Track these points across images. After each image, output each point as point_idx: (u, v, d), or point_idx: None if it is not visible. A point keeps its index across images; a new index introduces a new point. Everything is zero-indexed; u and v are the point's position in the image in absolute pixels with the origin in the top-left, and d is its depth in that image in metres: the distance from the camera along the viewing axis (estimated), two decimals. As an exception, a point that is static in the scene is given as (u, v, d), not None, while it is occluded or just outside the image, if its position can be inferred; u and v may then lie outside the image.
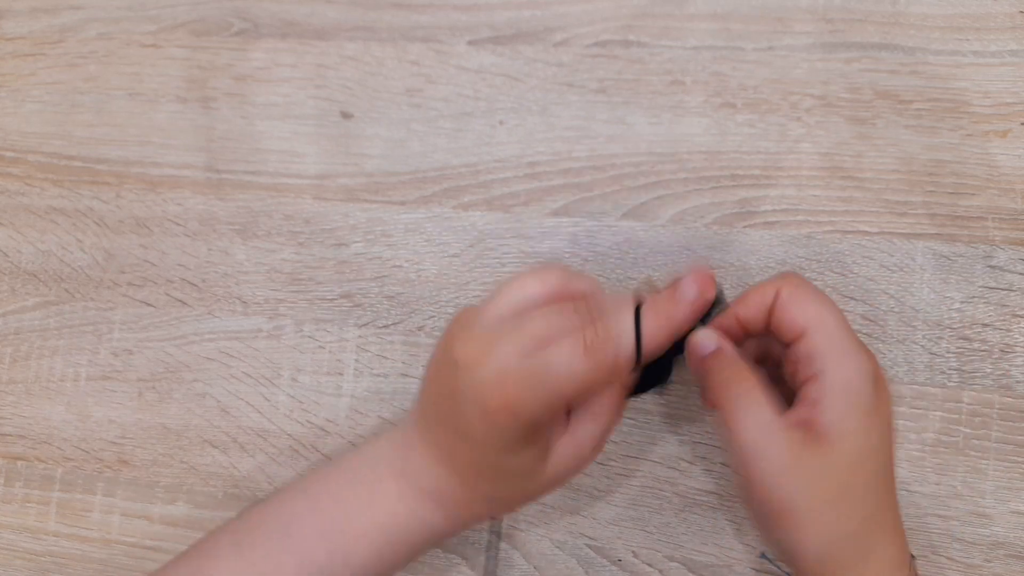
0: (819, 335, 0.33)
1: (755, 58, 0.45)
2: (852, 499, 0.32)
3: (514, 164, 0.47)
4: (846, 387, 0.32)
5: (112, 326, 0.50)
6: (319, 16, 0.50)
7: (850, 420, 0.32)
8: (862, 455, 0.32)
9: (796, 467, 0.32)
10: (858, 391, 0.32)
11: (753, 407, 0.33)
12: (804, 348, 0.33)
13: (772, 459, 0.32)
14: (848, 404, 0.32)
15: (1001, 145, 0.42)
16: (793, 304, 0.34)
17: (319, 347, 0.47)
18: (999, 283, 0.41)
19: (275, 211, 0.49)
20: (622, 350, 0.33)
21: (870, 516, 0.33)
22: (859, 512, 0.32)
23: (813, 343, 0.33)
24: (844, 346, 0.33)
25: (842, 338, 0.33)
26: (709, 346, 0.35)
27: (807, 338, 0.33)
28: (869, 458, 0.33)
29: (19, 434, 0.50)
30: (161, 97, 0.51)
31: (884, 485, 0.33)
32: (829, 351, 0.33)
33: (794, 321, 0.34)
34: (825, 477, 0.32)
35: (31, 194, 0.52)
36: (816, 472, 0.32)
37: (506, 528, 0.44)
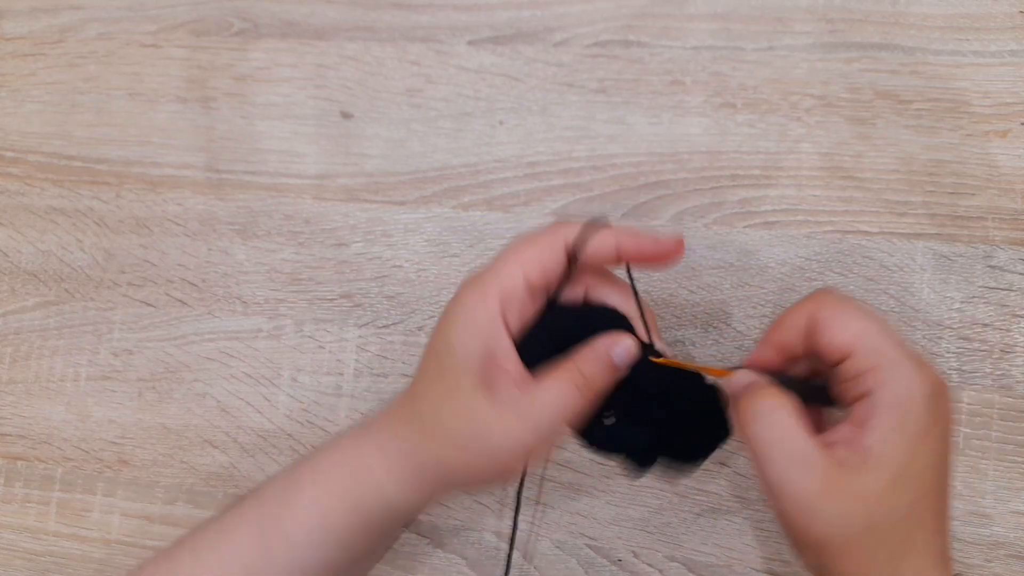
0: (865, 354, 0.31)
1: (755, 58, 0.45)
2: (892, 523, 0.30)
3: (514, 164, 0.47)
4: (896, 406, 0.31)
5: (112, 326, 0.50)
6: (319, 16, 0.50)
7: (897, 441, 0.30)
8: (907, 477, 0.30)
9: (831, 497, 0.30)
10: (909, 410, 0.30)
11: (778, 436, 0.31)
12: (851, 368, 0.32)
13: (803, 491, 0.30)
14: (897, 424, 0.30)
15: (1001, 145, 0.42)
16: (832, 325, 0.32)
17: (319, 347, 0.47)
18: (999, 283, 0.41)
19: (275, 211, 0.49)
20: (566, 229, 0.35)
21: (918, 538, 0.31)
22: (898, 536, 0.31)
23: (860, 362, 0.31)
24: (894, 362, 0.31)
25: (891, 354, 0.31)
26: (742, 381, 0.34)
27: (853, 358, 0.32)
28: (915, 480, 0.31)
29: (19, 434, 0.50)
30: (161, 97, 0.51)
31: (932, 508, 0.31)
32: (878, 369, 0.31)
33: (836, 343, 0.32)
34: (865, 503, 0.30)
35: (31, 194, 0.52)
36: (855, 499, 0.30)
37: (506, 529, 0.44)
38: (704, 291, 0.44)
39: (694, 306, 0.44)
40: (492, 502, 0.44)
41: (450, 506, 0.45)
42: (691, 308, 0.44)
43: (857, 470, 0.30)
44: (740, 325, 0.43)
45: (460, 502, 0.45)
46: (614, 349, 0.34)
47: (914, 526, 0.31)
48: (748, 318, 0.43)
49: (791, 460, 0.31)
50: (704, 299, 0.44)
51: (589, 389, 0.34)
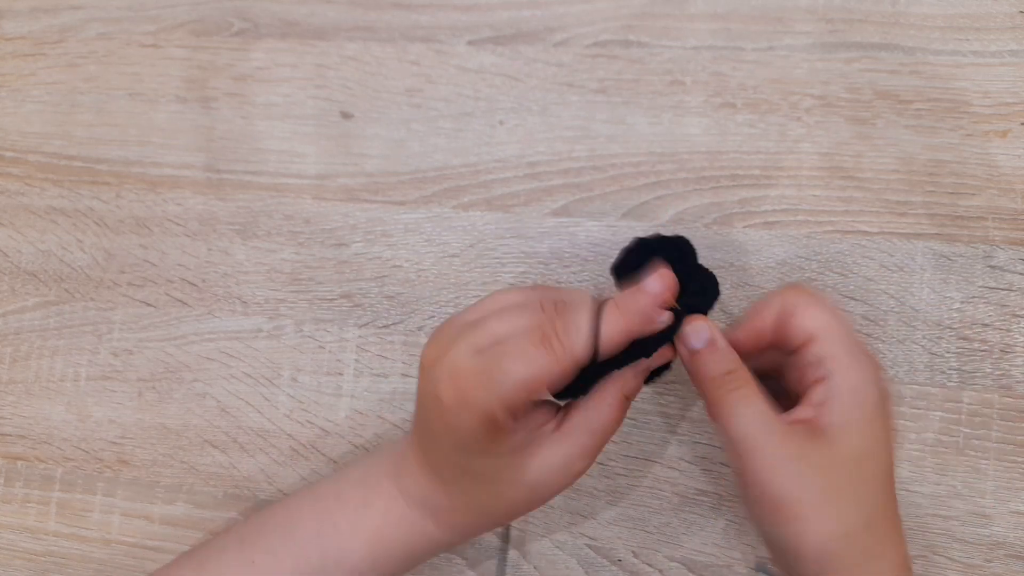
0: (828, 340, 0.34)
1: (755, 58, 0.45)
2: (853, 498, 0.32)
3: (514, 164, 0.47)
4: (853, 390, 0.33)
5: (112, 326, 0.50)
6: (319, 16, 0.50)
7: (854, 421, 0.32)
8: (863, 455, 0.32)
9: (795, 460, 0.32)
10: (864, 395, 0.33)
11: (749, 400, 0.33)
12: (813, 352, 0.34)
13: (770, 452, 0.32)
14: (853, 406, 0.33)
15: (1001, 145, 0.42)
16: (802, 310, 0.34)
17: (319, 347, 0.47)
18: (999, 283, 0.41)
19: (275, 211, 0.49)
20: (578, 340, 0.32)
21: (872, 518, 0.33)
22: (861, 512, 0.32)
23: (822, 347, 0.33)
24: (853, 351, 0.33)
25: (851, 344, 0.34)
26: (701, 339, 0.34)
27: (816, 342, 0.34)
28: (870, 459, 0.33)
29: (19, 434, 0.50)
30: (161, 97, 0.51)
31: (884, 489, 0.34)
32: (838, 355, 0.33)
33: (803, 326, 0.34)
34: (825, 473, 0.32)
35: (31, 194, 0.52)
36: (816, 467, 0.32)
37: (513, 533, 0.44)
38: (704, 291, 0.44)
39: (694, 306, 0.44)
40: (492, 502, 0.44)
41: (450, 506, 0.45)
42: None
43: (821, 442, 0.32)
44: (740, 325, 0.43)
45: (460, 502, 0.45)
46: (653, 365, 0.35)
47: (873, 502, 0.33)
48: (748, 318, 0.43)
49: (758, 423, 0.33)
50: (704, 299, 0.44)
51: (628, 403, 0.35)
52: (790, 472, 0.32)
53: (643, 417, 0.43)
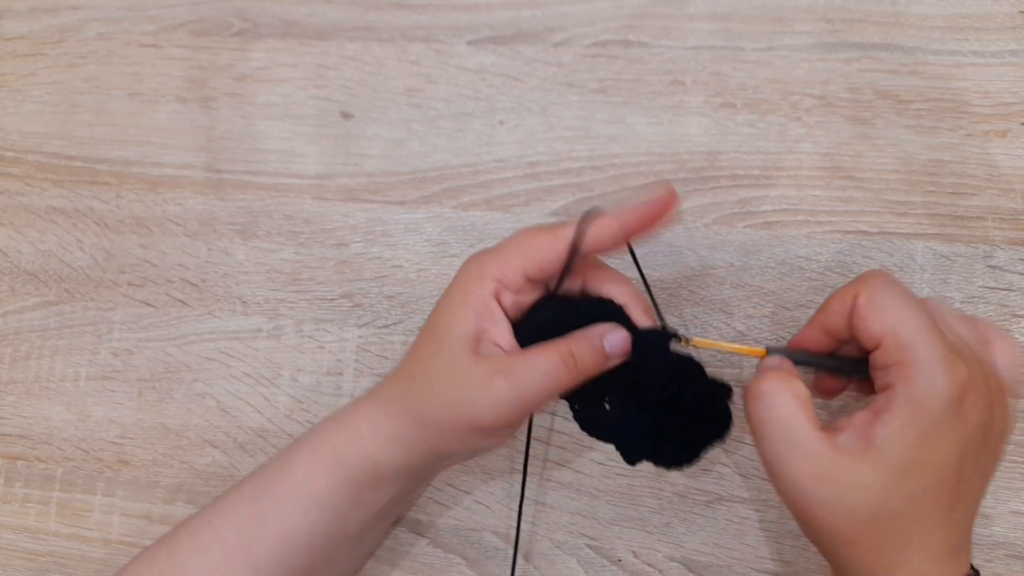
0: (894, 347, 0.31)
1: (755, 58, 0.45)
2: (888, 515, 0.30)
3: (514, 164, 0.47)
4: (912, 403, 0.30)
5: (112, 326, 0.50)
6: (319, 16, 0.50)
7: (905, 436, 0.30)
8: (910, 472, 0.30)
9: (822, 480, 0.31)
10: (925, 409, 0.30)
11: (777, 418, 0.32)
12: (880, 359, 0.32)
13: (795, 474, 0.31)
14: (908, 420, 0.30)
15: (1001, 145, 0.42)
16: (869, 311, 0.32)
17: (319, 347, 0.47)
18: (999, 283, 0.41)
19: (275, 211, 0.49)
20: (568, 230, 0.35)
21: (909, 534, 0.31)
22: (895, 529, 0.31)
23: (888, 355, 0.31)
24: (921, 360, 0.31)
25: (920, 351, 0.31)
26: None
27: (883, 349, 0.32)
28: (920, 476, 0.30)
29: (19, 434, 0.50)
30: (161, 97, 0.51)
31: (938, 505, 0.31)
32: (903, 365, 0.31)
33: (870, 330, 0.32)
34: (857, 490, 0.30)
35: (31, 194, 0.52)
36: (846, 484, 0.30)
37: (505, 528, 0.44)
38: (704, 291, 0.44)
39: (694, 306, 0.44)
40: (492, 502, 0.44)
41: (449, 505, 0.45)
42: (691, 308, 0.44)
43: (857, 458, 0.31)
44: (740, 325, 0.43)
45: (460, 502, 0.45)
46: (607, 337, 0.35)
47: (913, 521, 0.31)
48: (748, 318, 0.43)
49: (787, 442, 0.31)
50: (704, 299, 0.44)
51: (577, 368, 0.34)
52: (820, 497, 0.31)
53: (643, 417, 0.43)
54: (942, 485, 0.31)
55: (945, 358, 0.31)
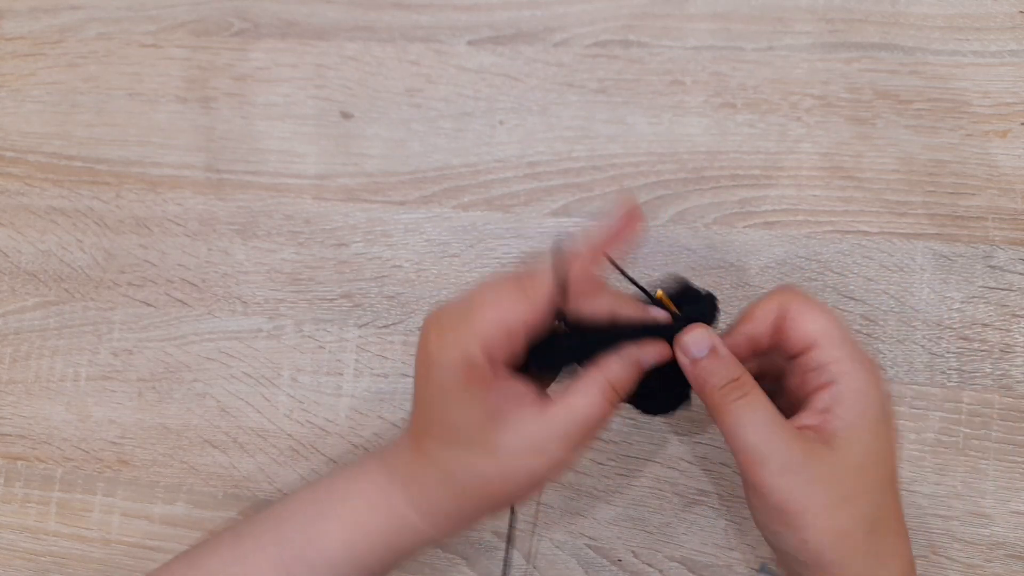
0: (830, 344, 0.33)
1: (755, 58, 0.45)
2: (859, 503, 0.32)
3: (514, 164, 0.47)
4: (857, 395, 0.33)
5: (112, 326, 0.50)
6: (319, 16, 0.50)
7: (861, 426, 0.32)
8: (870, 460, 0.32)
9: (801, 466, 0.32)
10: (869, 399, 0.33)
11: (754, 408, 0.33)
12: (815, 358, 0.33)
13: (775, 461, 0.32)
14: (859, 412, 0.32)
15: (1001, 145, 0.42)
16: (802, 316, 0.34)
17: (319, 347, 0.47)
18: (999, 283, 0.41)
19: (275, 211, 0.49)
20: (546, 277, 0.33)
21: (876, 523, 0.32)
22: (866, 516, 0.32)
23: (825, 352, 0.33)
24: (854, 355, 0.33)
25: (851, 348, 0.33)
26: (702, 347, 0.34)
27: (819, 349, 0.33)
28: (877, 464, 0.33)
29: (19, 434, 0.50)
30: (161, 97, 0.51)
31: (889, 493, 0.33)
32: (841, 360, 0.33)
33: (803, 331, 0.34)
34: (832, 478, 0.32)
35: (31, 194, 0.52)
36: (822, 473, 0.32)
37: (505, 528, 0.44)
38: (704, 291, 0.44)
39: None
40: (492, 502, 0.44)
41: (450, 506, 0.45)
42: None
43: (827, 448, 0.32)
44: (740, 325, 0.43)
45: (460, 502, 0.45)
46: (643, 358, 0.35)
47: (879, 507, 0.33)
48: (748, 318, 0.43)
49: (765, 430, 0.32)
50: (704, 299, 0.44)
51: (618, 397, 0.34)
52: (796, 482, 0.32)
53: (643, 417, 0.43)
54: (893, 476, 0.33)
55: (868, 356, 0.34)
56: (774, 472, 0.32)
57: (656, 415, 0.38)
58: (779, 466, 0.32)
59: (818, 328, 0.34)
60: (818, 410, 0.33)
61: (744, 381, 0.33)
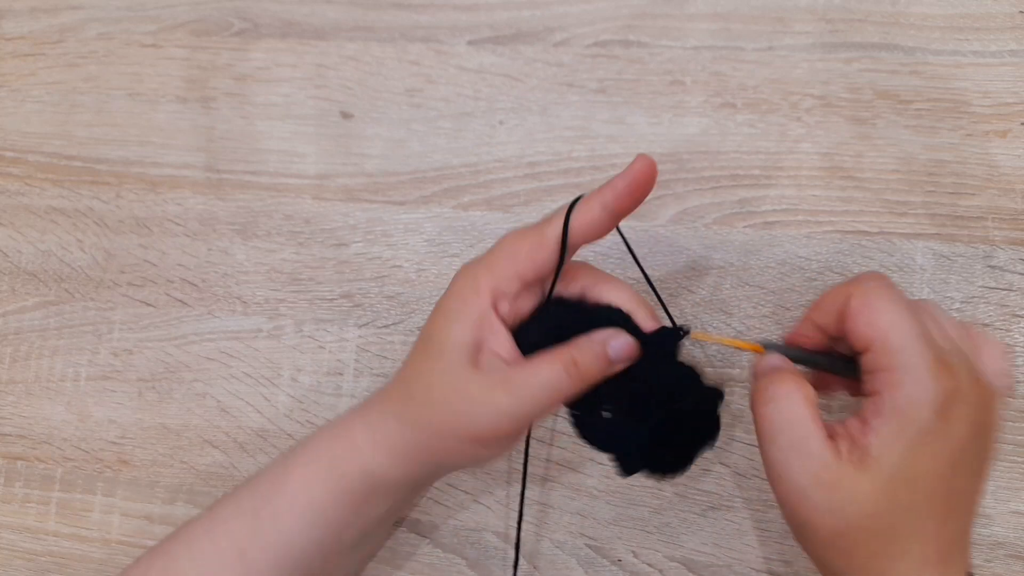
0: (883, 352, 0.31)
1: (755, 58, 0.45)
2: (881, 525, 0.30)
3: (514, 164, 0.47)
4: (900, 411, 0.30)
5: (112, 326, 0.50)
6: (319, 16, 0.50)
7: (895, 446, 0.30)
8: (901, 482, 0.30)
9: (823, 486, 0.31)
10: (913, 418, 0.30)
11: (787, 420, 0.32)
12: (869, 362, 0.31)
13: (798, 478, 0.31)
14: (897, 429, 0.30)
15: (1001, 145, 0.42)
16: (861, 313, 0.32)
17: (319, 347, 0.47)
18: (999, 283, 0.41)
19: (275, 211, 0.49)
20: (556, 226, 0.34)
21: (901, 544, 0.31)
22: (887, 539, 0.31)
23: (876, 360, 0.31)
24: (909, 366, 0.30)
25: (909, 356, 0.30)
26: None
27: (872, 353, 0.31)
28: (911, 486, 0.30)
29: (19, 434, 0.50)
30: (161, 97, 0.51)
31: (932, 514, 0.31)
32: (891, 370, 0.31)
33: (860, 333, 0.32)
34: (853, 499, 0.30)
35: (31, 194, 0.52)
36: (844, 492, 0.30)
37: (505, 528, 0.44)
38: (704, 291, 0.44)
39: (694, 306, 0.44)
40: (492, 502, 0.44)
41: (450, 506, 0.45)
42: (691, 308, 0.44)
43: (854, 467, 0.30)
44: (740, 325, 0.43)
45: (460, 502, 0.45)
46: (610, 343, 0.34)
47: (906, 530, 0.31)
48: (748, 318, 0.43)
49: (793, 445, 0.31)
50: (704, 299, 0.44)
51: (579, 376, 0.34)
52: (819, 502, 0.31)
53: (643, 417, 0.43)
54: (935, 494, 0.31)
55: (932, 366, 0.30)
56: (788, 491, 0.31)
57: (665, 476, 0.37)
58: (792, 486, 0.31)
59: (874, 329, 0.31)
60: (862, 418, 0.31)
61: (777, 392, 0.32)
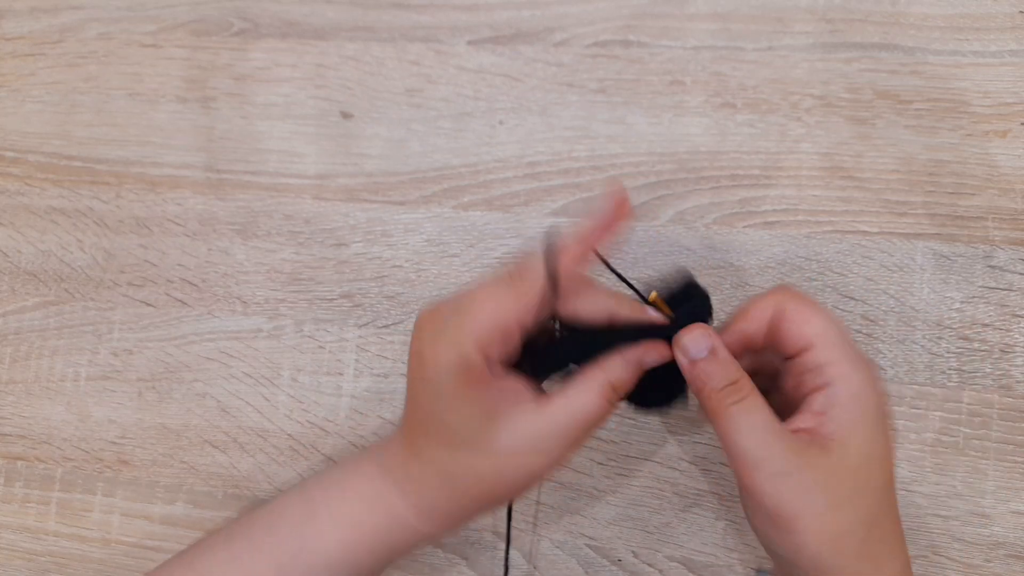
0: (827, 347, 0.33)
1: (755, 58, 0.45)
2: (855, 506, 0.32)
3: (514, 164, 0.47)
4: (854, 398, 0.32)
5: (112, 326, 0.50)
6: (319, 16, 0.50)
7: (856, 429, 0.32)
8: (867, 463, 0.32)
9: (797, 471, 0.31)
10: (866, 402, 0.32)
11: (751, 412, 0.33)
12: (811, 360, 0.33)
13: (772, 464, 0.32)
14: (855, 414, 0.32)
15: (1001, 145, 0.42)
16: (798, 317, 0.34)
17: (319, 347, 0.47)
18: (999, 283, 0.41)
19: (275, 211, 0.49)
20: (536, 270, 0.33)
21: (872, 526, 0.32)
22: (861, 520, 0.32)
23: (821, 354, 0.33)
24: (851, 357, 0.33)
25: (848, 350, 0.33)
26: (701, 348, 0.34)
27: (814, 350, 0.33)
28: (874, 466, 0.32)
29: (19, 434, 0.50)
30: (161, 97, 0.51)
31: (886, 495, 0.33)
32: (838, 362, 0.33)
33: (800, 334, 0.33)
34: (827, 483, 0.32)
35: (31, 194, 0.52)
36: (818, 477, 0.32)
37: (513, 533, 0.44)
38: (704, 291, 0.44)
39: (694, 306, 0.44)
40: (492, 502, 0.44)
41: (450, 506, 0.45)
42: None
43: (823, 452, 0.32)
44: (740, 325, 0.43)
45: (460, 502, 0.45)
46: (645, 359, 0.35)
47: (876, 509, 0.32)
48: (748, 318, 0.43)
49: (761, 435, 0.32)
50: (704, 299, 0.44)
51: (618, 396, 0.34)
52: (789, 487, 0.31)
53: (643, 418, 0.43)
54: (890, 478, 0.33)
55: (864, 357, 0.33)
56: (768, 477, 0.32)
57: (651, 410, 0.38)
58: (773, 471, 0.32)
59: (814, 329, 0.33)
60: (814, 412, 0.33)
61: (742, 384, 0.33)
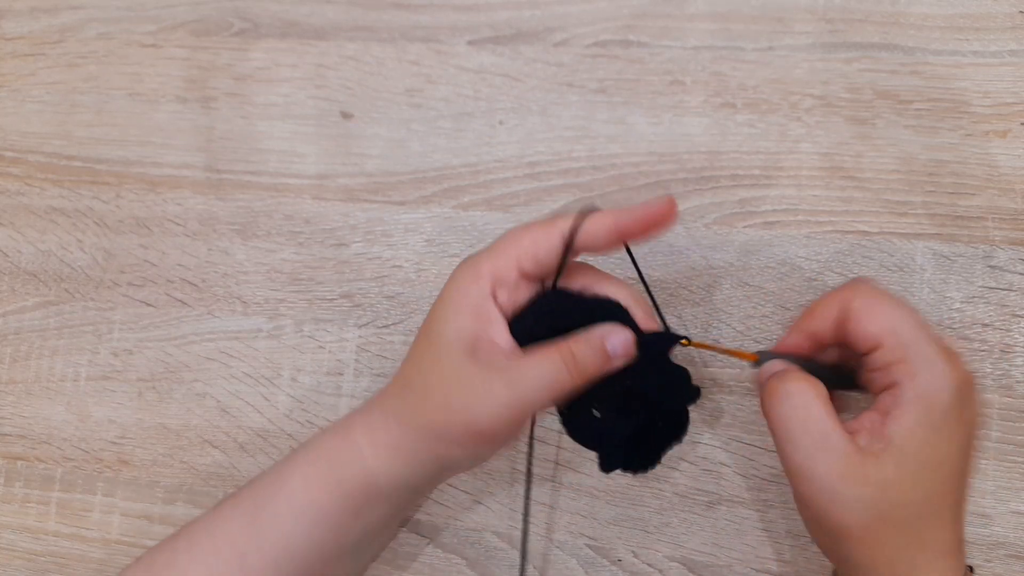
0: (895, 345, 0.32)
1: (755, 58, 0.45)
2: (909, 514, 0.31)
3: (514, 164, 0.47)
4: (921, 399, 0.31)
5: (112, 326, 0.50)
6: (319, 16, 0.50)
7: (918, 433, 0.31)
8: (926, 469, 0.31)
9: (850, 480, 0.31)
10: (933, 404, 0.31)
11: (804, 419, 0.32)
12: (880, 358, 0.32)
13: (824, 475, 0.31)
14: (920, 417, 0.31)
15: (1001, 145, 0.42)
16: (865, 315, 0.33)
17: (319, 347, 0.47)
18: (999, 283, 0.41)
19: (275, 211, 0.49)
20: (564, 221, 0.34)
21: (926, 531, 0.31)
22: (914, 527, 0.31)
23: (889, 353, 0.32)
24: (923, 356, 0.32)
25: (920, 347, 0.32)
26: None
27: (883, 349, 0.32)
28: (934, 472, 0.31)
29: (19, 434, 0.50)
30: (161, 97, 0.51)
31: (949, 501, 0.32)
32: (906, 362, 0.32)
33: (868, 332, 0.33)
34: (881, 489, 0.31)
35: (31, 194, 0.52)
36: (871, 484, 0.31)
37: (506, 529, 0.44)
38: (704, 291, 0.44)
39: (694, 306, 0.44)
40: (493, 503, 0.44)
41: (450, 506, 0.45)
42: (691, 308, 0.44)
43: (877, 458, 0.31)
44: (740, 325, 0.43)
45: (461, 503, 0.45)
46: (609, 338, 0.34)
47: (930, 518, 0.32)
48: (748, 318, 0.43)
49: (815, 443, 0.31)
50: (704, 299, 0.44)
51: (578, 371, 0.34)
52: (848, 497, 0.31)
53: (643, 417, 0.43)
54: (953, 480, 0.32)
55: (944, 354, 0.32)
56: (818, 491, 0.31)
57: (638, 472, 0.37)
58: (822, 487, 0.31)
59: (881, 327, 0.32)
60: (880, 411, 0.32)
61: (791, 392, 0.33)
